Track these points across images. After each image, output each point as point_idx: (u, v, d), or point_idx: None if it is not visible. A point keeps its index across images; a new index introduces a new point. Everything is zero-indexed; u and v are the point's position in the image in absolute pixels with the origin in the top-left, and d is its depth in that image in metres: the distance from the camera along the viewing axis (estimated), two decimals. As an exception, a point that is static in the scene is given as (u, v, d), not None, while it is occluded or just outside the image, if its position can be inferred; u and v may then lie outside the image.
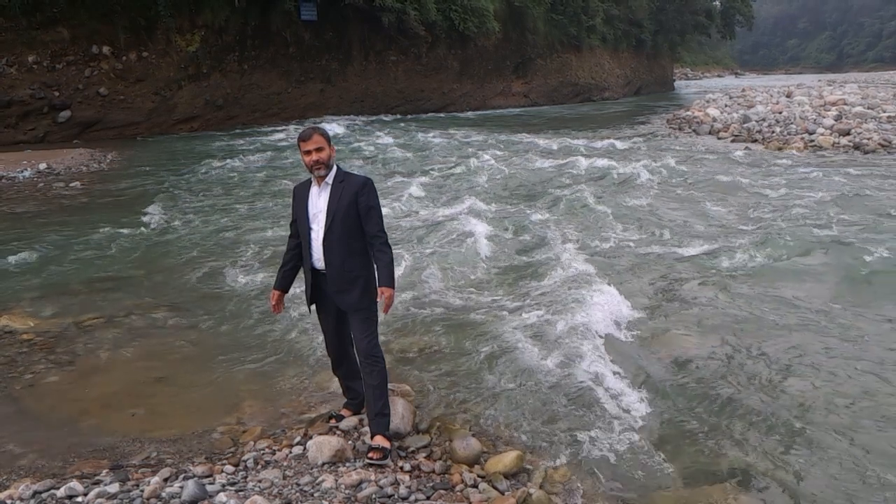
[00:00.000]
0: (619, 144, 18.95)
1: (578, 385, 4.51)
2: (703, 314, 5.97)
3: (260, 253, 8.21)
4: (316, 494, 3.33)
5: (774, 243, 7.84)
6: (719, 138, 20.71)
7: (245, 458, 3.76)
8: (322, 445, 3.70)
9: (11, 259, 8.04)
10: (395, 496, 3.35)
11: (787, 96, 28.37)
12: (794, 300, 6.33)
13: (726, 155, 16.53)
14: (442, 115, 33.30)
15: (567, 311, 5.71)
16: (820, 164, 14.38)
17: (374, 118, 29.34)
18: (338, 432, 3.98)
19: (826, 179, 12.09)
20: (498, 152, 17.28)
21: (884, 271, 6.89)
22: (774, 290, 6.62)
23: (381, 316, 3.81)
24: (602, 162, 14.86)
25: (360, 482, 3.42)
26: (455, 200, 11.21)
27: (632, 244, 8.41)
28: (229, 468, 3.63)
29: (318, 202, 3.72)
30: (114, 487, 3.38)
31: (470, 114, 34.59)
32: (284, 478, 3.51)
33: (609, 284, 6.53)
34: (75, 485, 3.39)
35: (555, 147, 18.71)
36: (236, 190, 12.96)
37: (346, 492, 3.35)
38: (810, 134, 18.44)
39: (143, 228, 9.61)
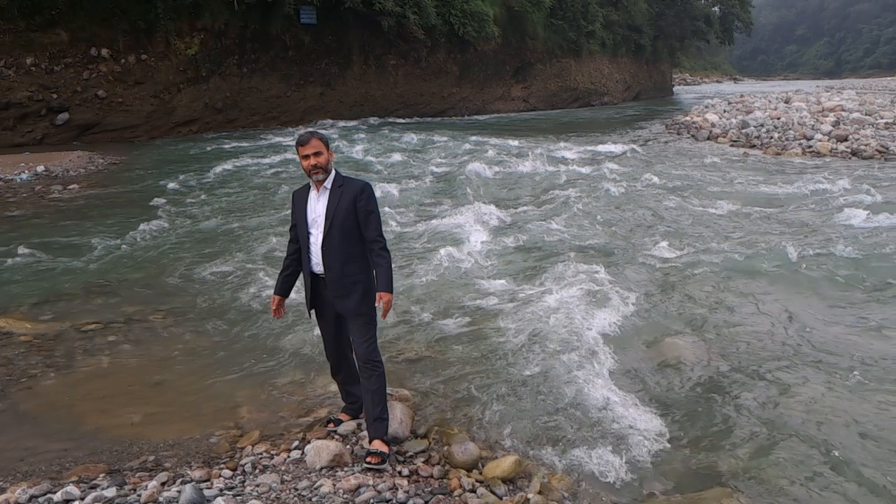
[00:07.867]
0: (618, 149, 18.97)
1: (577, 391, 4.51)
2: (701, 320, 5.98)
3: (259, 257, 8.19)
4: (314, 499, 3.33)
5: (772, 249, 7.85)
6: (718, 143, 20.74)
7: (243, 462, 3.76)
8: (320, 450, 3.69)
9: (9, 262, 8.02)
10: (394, 501, 3.34)
11: (786, 102, 28.36)
12: (791, 305, 6.33)
13: (724, 160, 16.56)
14: (441, 119, 33.34)
15: (566, 318, 5.71)
16: (817, 170, 14.40)
17: (373, 122, 29.35)
18: (336, 437, 3.98)
19: (823, 184, 12.10)
20: (497, 156, 17.28)
21: (881, 279, 6.90)
22: (771, 295, 6.62)
23: (379, 321, 3.82)
24: (600, 166, 14.89)
25: (359, 487, 3.42)
26: (454, 205, 11.21)
27: (629, 250, 8.41)
28: (227, 472, 3.63)
29: (317, 207, 3.72)
30: (111, 492, 3.37)
31: (469, 118, 34.64)
32: (282, 482, 3.51)
33: (607, 290, 6.54)
34: (72, 489, 3.38)
35: (554, 151, 18.71)
36: (234, 194, 12.94)
37: (345, 496, 3.34)
38: (808, 140, 18.47)
39: (140, 232, 9.58)
